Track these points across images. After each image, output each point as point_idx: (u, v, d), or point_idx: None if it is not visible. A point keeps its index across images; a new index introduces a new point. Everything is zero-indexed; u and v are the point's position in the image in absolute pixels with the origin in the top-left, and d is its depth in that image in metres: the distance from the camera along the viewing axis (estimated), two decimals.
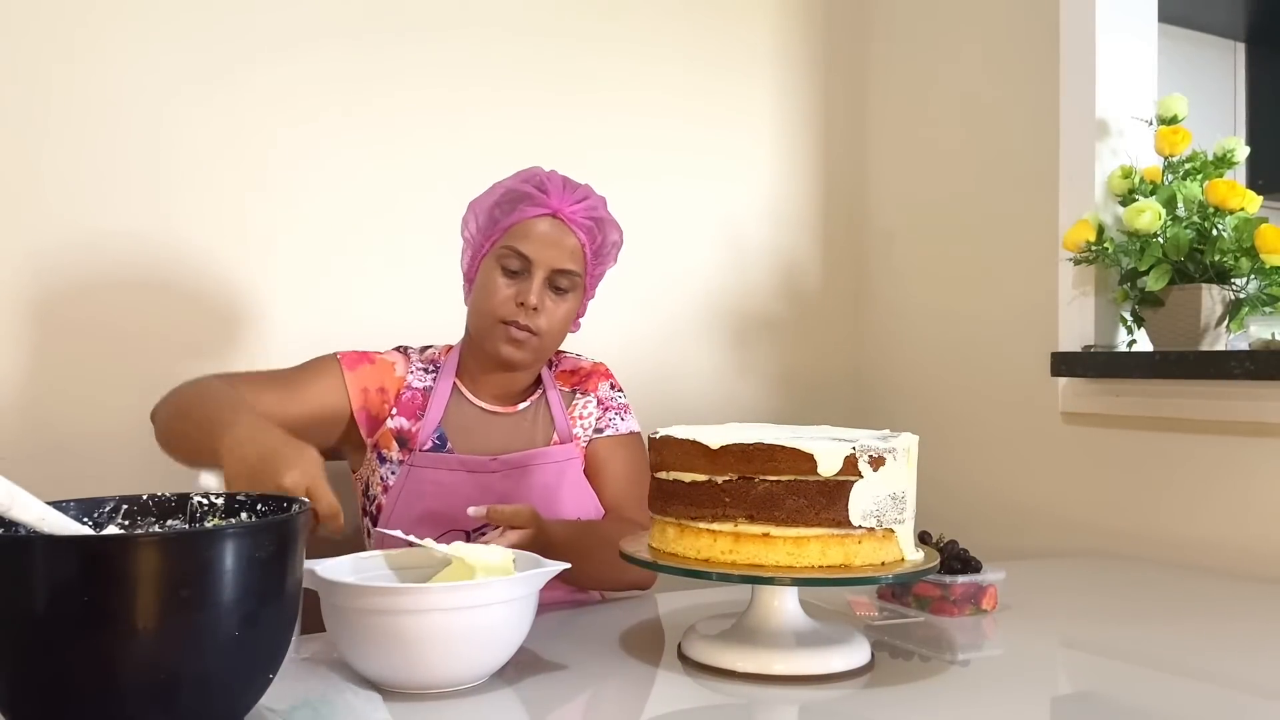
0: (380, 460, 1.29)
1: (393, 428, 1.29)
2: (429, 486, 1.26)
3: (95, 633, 0.64)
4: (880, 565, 0.92)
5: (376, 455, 1.30)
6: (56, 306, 1.54)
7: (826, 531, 0.91)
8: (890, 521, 0.93)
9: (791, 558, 0.91)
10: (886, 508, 0.92)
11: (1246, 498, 1.47)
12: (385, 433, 1.29)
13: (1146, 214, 1.52)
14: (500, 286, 1.25)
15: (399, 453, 1.28)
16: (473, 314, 1.31)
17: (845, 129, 2.22)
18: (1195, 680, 0.97)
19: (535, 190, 1.27)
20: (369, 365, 1.30)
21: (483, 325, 1.27)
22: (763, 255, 2.13)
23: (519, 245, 1.25)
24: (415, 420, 1.29)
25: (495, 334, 1.26)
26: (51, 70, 1.52)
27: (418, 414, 1.29)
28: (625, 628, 1.13)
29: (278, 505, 0.83)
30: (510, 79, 1.85)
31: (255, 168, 1.66)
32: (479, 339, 1.29)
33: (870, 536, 0.92)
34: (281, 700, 0.80)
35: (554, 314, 1.27)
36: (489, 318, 1.26)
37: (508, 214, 1.27)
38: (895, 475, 0.92)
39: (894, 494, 0.92)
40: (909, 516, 0.95)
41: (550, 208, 1.26)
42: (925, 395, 2.05)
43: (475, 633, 0.85)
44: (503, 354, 1.27)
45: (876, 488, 0.91)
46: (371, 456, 1.30)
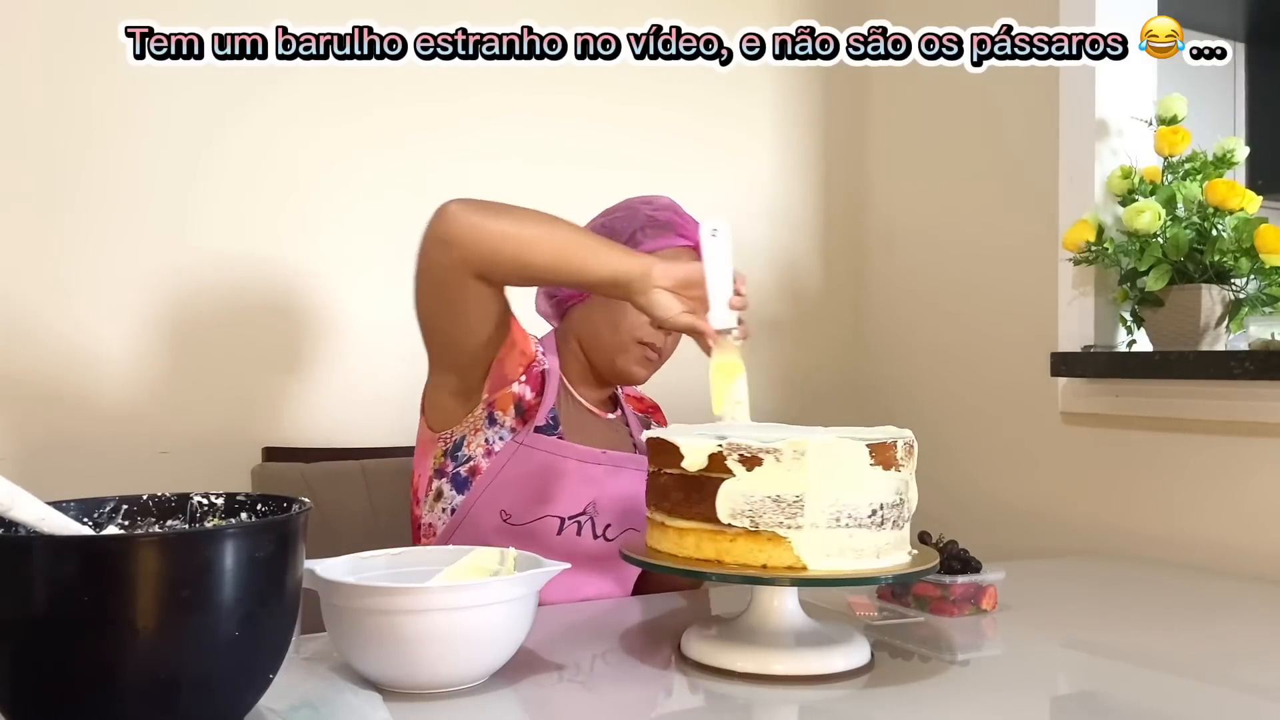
0: (490, 422, 1.26)
1: (516, 393, 1.27)
2: (537, 468, 1.25)
3: (95, 633, 0.64)
4: (761, 568, 0.89)
5: (488, 415, 1.27)
6: (57, 305, 1.54)
7: (700, 525, 0.92)
8: (772, 525, 0.89)
9: (675, 547, 0.94)
10: (765, 509, 0.89)
11: (1246, 498, 1.47)
12: (506, 395, 1.27)
13: (1146, 214, 1.52)
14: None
15: (514, 420, 1.27)
16: (600, 329, 1.32)
17: (845, 129, 2.22)
18: (1195, 680, 0.97)
19: (680, 221, 1.32)
20: (519, 327, 1.29)
21: (617, 342, 1.30)
22: (763, 255, 2.13)
23: None
24: (536, 395, 1.29)
25: (630, 353, 1.30)
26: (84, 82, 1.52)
27: (539, 389, 1.29)
28: (625, 628, 1.13)
29: (278, 505, 0.83)
30: (512, 84, 1.85)
31: (288, 174, 1.68)
32: (605, 353, 1.32)
33: (747, 536, 0.90)
34: (281, 700, 0.80)
35: (675, 340, 1.33)
36: (627, 337, 1.30)
37: (653, 239, 1.30)
38: (778, 478, 0.89)
39: (776, 496, 0.89)
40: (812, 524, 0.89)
41: (693, 240, 1.29)
42: (925, 395, 2.05)
43: (475, 632, 0.85)
44: (632, 372, 1.32)
45: (750, 487, 0.89)
46: (481, 414, 1.27)
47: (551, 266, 1.13)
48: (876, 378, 2.18)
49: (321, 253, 1.72)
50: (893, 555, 0.93)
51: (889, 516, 0.92)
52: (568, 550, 1.25)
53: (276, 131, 1.69)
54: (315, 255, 1.72)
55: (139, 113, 1.59)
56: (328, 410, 1.73)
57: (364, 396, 1.76)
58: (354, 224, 1.74)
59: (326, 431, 1.72)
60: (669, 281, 1.12)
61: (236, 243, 1.66)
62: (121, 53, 1.57)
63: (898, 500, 0.93)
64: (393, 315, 1.75)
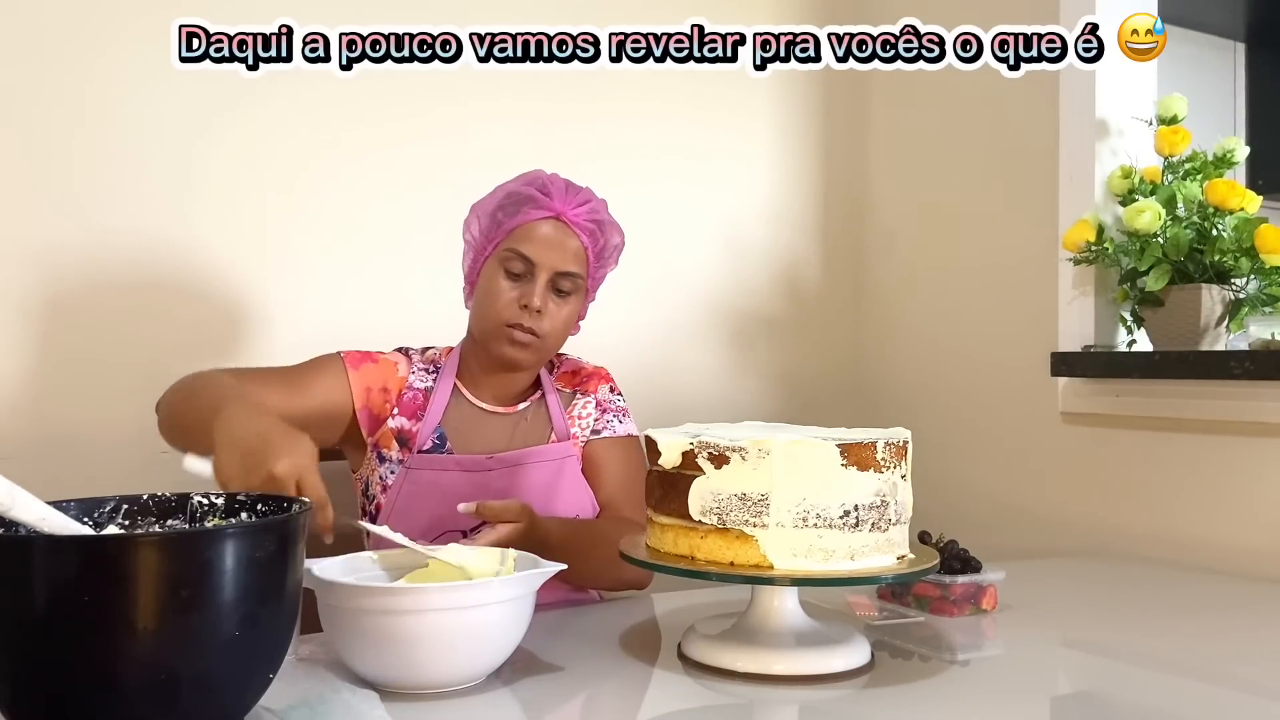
0: (380, 460, 1.29)
1: (394, 427, 1.29)
2: (426, 487, 1.26)
3: (95, 633, 0.64)
4: (729, 565, 0.90)
5: (376, 455, 1.30)
6: (60, 305, 1.54)
7: (676, 522, 0.93)
8: (738, 523, 0.89)
9: (658, 542, 0.96)
10: (732, 507, 0.89)
11: (1246, 498, 1.47)
12: (386, 432, 1.29)
13: (1146, 214, 1.52)
14: (503, 289, 1.26)
15: (399, 452, 1.28)
16: (475, 316, 1.31)
17: (845, 129, 2.22)
18: (1195, 680, 0.97)
19: (538, 193, 1.27)
20: (372, 365, 1.30)
21: (486, 327, 1.28)
22: (763, 255, 2.13)
23: (522, 248, 1.25)
24: (416, 420, 1.29)
25: (499, 336, 1.26)
26: (80, 73, 1.52)
27: (418, 414, 1.30)
28: (624, 628, 1.13)
29: (278, 505, 0.83)
30: (512, 89, 1.85)
31: (269, 176, 1.68)
32: (482, 340, 1.30)
33: (716, 534, 0.91)
34: (279, 700, 0.80)
35: (556, 316, 1.27)
36: (493, 320, 1.26)
37: (511, 216, 1.27)
38: (743, 476, 0.89)
39: (742, 495, 0.89)
40: (778, 523, 0.89)
41: (553, 210, 1.26)
42: (925, 395, 2.05)
43: (472, 633, 0.85)
44: (506, 355, 1.27)
45: (719, 485, 0.90)
46: (371, 456, 1.30)
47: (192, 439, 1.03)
48: (876, 378, 2.18)
49: (322, 254, 1.72)
50: (871, 557, 0.91)
51: (866, 518, 0.90)
52: None
53: (275, 131, 1.68)
54: (316, 256, 1.72)
55: (142, 113, 1.59)
56: None
57: None
58: (357, 228, 1.74)
59: None
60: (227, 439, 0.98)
61: (237, 246, 1.66)
62: (119, 50, 1.57)
63: (878, 502, 0.91)
64: (392, 317, 1.76)
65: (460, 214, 1.34)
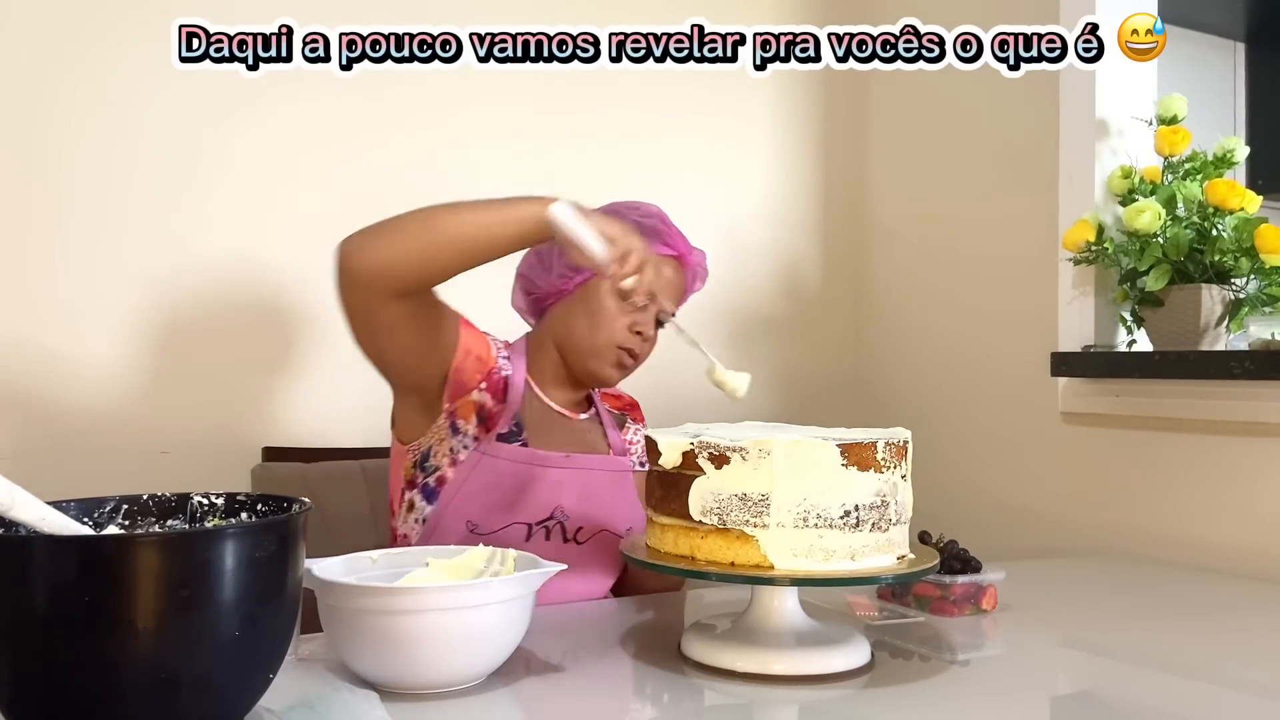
0: (453, 430, 1.27)
1: (476, 401, 1.27)
2: (500, 475, 1.25)
3: (95, 633, 0.64)
4: (729, 565, 0.90)
5: (450, 425, 1.27)
6: (57, 305, 1.54)
7: (677, 522, 0.93)
8: (738, 523, 0.90)
9: (658, 542, 0.96)
10: (732, 507, 0.90)
11: (1246, 498, 1.47)
12: (467, 403, 1.27)
13: (1146, 214, 1.52)
14: (618, 311, 1.29)
15: (476, 428, 1.27)
16: (578, 330, 1.31)
17: (845, 129, 2.22)
18: (1195, 680, 0.97)
19: (665, 229, 1.32)
20: (474, 333, 1.30)
21: (595, 344, 1.30)
22: (763, 255, 2.13)
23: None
24: (499, 402, 1.29)
25: (605, 355, 1.30)
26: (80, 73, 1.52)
27: (500, 396, 1.29)
28: (625, 628, 1.13)
29: (278, 505, 0.83)
30: (512, 89, 1.86)
31: (286, 176, 1.69)
32: (577, 353, 1.31)
33: (716, 534, 0.91)
34: (279, 700, 0.80)
35: (652, 346, 1.34)
36: (603, 339, 1.29)
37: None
38: (745, 477, 0.89)
39: (742, 495, 0.89)
40: (778, 523, 0.89)
41: (679, 251, 1.32)
42: (925, 395, 2.05)
43: (472, 633, 0.85)
44: (603, 374, 1.32)
45: (719, 485, 0.90)
46: (443, 424, 1.27)
47: (462, 249, 1.11)
48: (876, 378, 2.18)
49: (321, 254, 1.72)
50: (872, 557, 0.90)
51: (866, 518, 0.90)
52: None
53: (276, 134, 1.69)
54: (315, 256, 1.71)
55: (137, 115, 1.59)
56: (328, 410, 1.73)
57: (364, 397, 1.76)
58: (353, 225, 1.74)
59: (326, 431, 1.72)
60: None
61: (237, 244, 1.66)
62: (120, 55, 1.57)
63: (878, 502, 0.90)
64: None
65: None
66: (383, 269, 1.11)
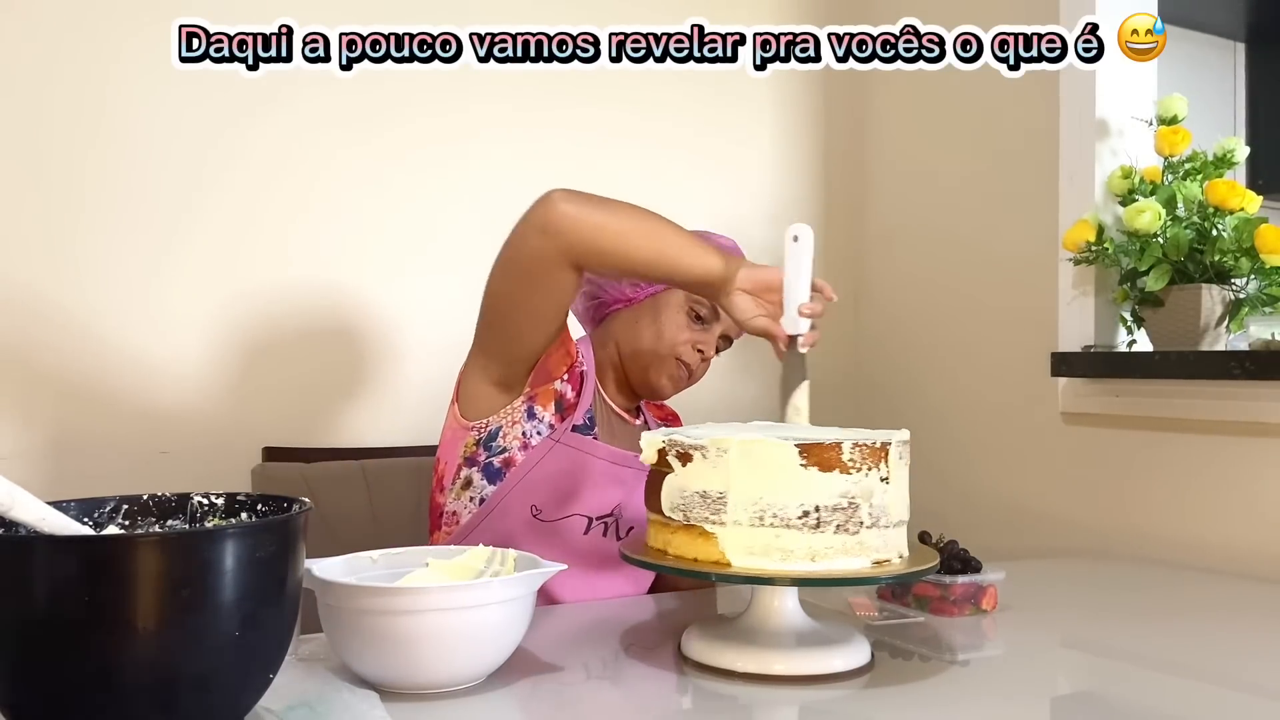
0: (529, 415, 1.27)
1: (558, 390, 1.28)
2: (570, 465, 1.26)
3: (95, 633, 0.64)
4: (693, 561, 0.92)
5: (528, 408, 1.27)
6: (58, 305, 1.54)
7: (656, 517, 0.96)
8: (699, 519, 0.91)
9: (651, 539, 0.99)
10: (694, 504, 0.91)
11: (1246, 498, 1.47)
12: (548, 390, 1.28)
13: (1146, 214, 1.52)
14: (685, 327, 1.33)
15: (553, 416, 1.27)
16: (642, 338, 1.34)
17: (845, 129, 2.22)
18: (1195, 680, 0.97)
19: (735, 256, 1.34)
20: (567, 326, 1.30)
21: (656, 353, 1.32)
22: (763, 255, 2.12)
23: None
24: (576, 393, 1.30)
25: (664, 366, 1.32)
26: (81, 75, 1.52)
27: (579, 388, 1.30)
28: (625, 628, 1.13)
29: (278, 505, 0.83)
30: (512, 90, 1.86)
31: (293, 178, 1.69)
32: (636, 360, 1.34)
33: (683, 529, 0.93)
34: (279, 700, 0.80)
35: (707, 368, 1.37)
36: (665, 349, 1.32)
37: None
38: (704, 474, 0.91)
39: (703, 492, 0.90)
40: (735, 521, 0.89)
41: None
42: (925, 395, 2.05)
43: (472, 633, 0.85)
44: (658, 384, 1.34)
45: (684, 482, 0.92)
46: (520, 406, 1.27)
47: (649, 261, 1.15)
48: (876, 377, 2.18)
49: (322, 254, 1.72)
50: (836, 560, 0.89)
51: (830, 520, 0.88)
52: (591, 550, 1.26)
53: (276, 135, 1.69)
54: (316, 256, 1.72)
55: (138, 116, 1.59)
56: (328, 410, 1.73)
57: (364, 397, 1.76)
58: (356, 227, 1.74)
59: (326, 431, 1.72)
60: (750, 284, 1.14)
61: (237, 244, 1.66)
62: (135, 53, 1.57)
63: (844, 504, 0.89)
64: (393, 316, 1.76)
65: (464, 216, 1.35)
66: (588, 235, 1.13)
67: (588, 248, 1.14)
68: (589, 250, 1.14)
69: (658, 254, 1.14)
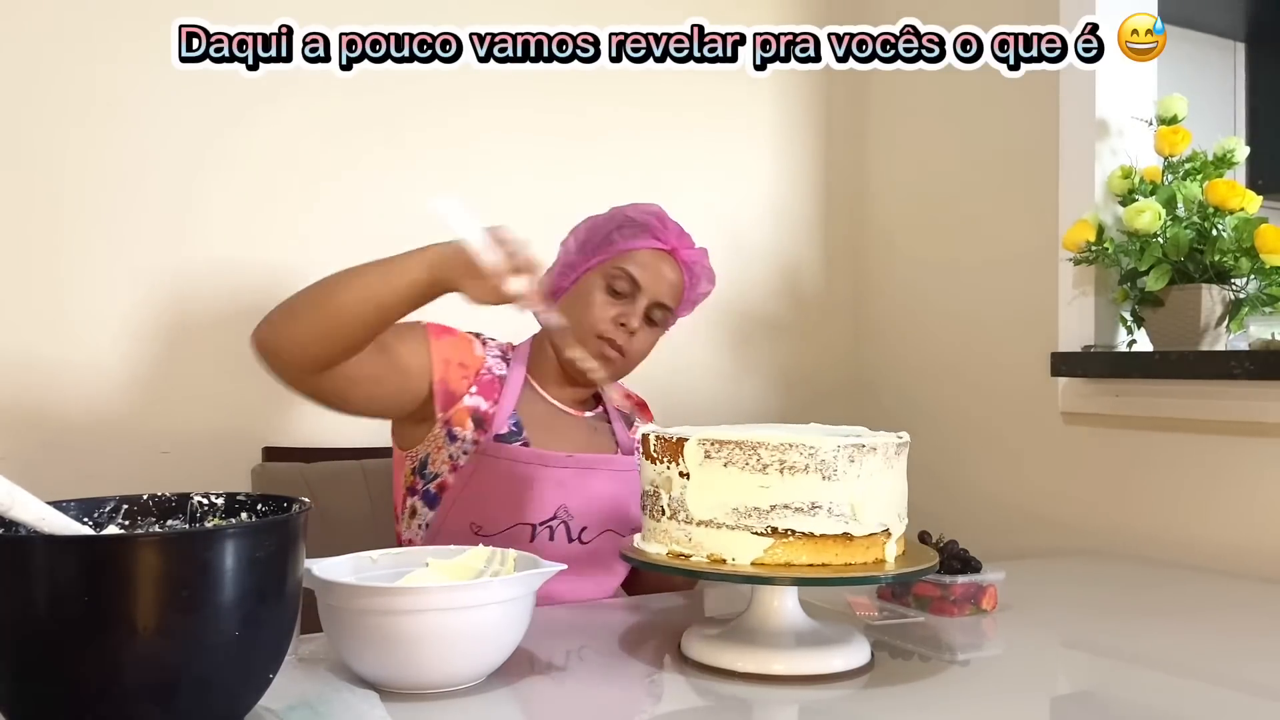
0: (450, 438, 1.27)
1: (470, 406, 1.28)
2: (502, 476, 1.25)
3: (95, 633, 0.64)
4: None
5: (447, 432, 1.27)
6: (59, 305, 1.54)
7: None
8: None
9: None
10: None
11: (1246, 498, 1.47)
12: (461, 410, 1.27)
13: (1146, 214, 1.52)
14: (604, 303, 1.30)
15: (473, 432, 1.27)
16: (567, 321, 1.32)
17: (845, 129, 2.22)
18: (1195, 680, 0.97)
19: (657, 223, 1.33)
20: (451, 338, 1.30)
21: (578, 334, 1.29)
22: (763, 255, 2.13)
23: (633, 270, 1.30)
24: (493, 403, 1.29)
25: (588, 346, 1.28)
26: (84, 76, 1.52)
27: (495, 397, 1.29)
28: (625, 628, 1.13)
29: (278, 505, 0.83)
30: (512, 90, 1.86)
31: (288, 178, 1.68)
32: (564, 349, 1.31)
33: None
34: (279, 700, 0.80)
35: (643, 341, 1.33)
36: (587, 330, 1.29)
37: (628, 239, 1.31)
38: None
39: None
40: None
41: (669, 245, 1.33)
42: (925, 395, 2.05)
43: (472, 633, 0.85)
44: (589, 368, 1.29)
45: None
46: (440, 432, 1.27)
47: (359, 303, 1.08)
48: (876, 378, 2.18)
49: (321, 254, 1.72)
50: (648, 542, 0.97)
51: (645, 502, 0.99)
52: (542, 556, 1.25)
53: (278, 136, 1.69)
54: (314, 256, 1.71)
55: (143, 115, 1.59)
56: (327, 411, 1.73)
57: None
58: (353, 225, 1.74)
59: (326, 431, 1.72)
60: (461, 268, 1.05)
61: (237, 244, 1.66)
62: (124, 54, 1.57)
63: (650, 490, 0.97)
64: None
65: None
66: (294, 354, 1.11)
67: (304, 359, 1.10)
68: (307, 359, 1.10)
69: (361, 293, 1.07)
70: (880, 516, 0.91)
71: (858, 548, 0.90)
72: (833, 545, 0.89)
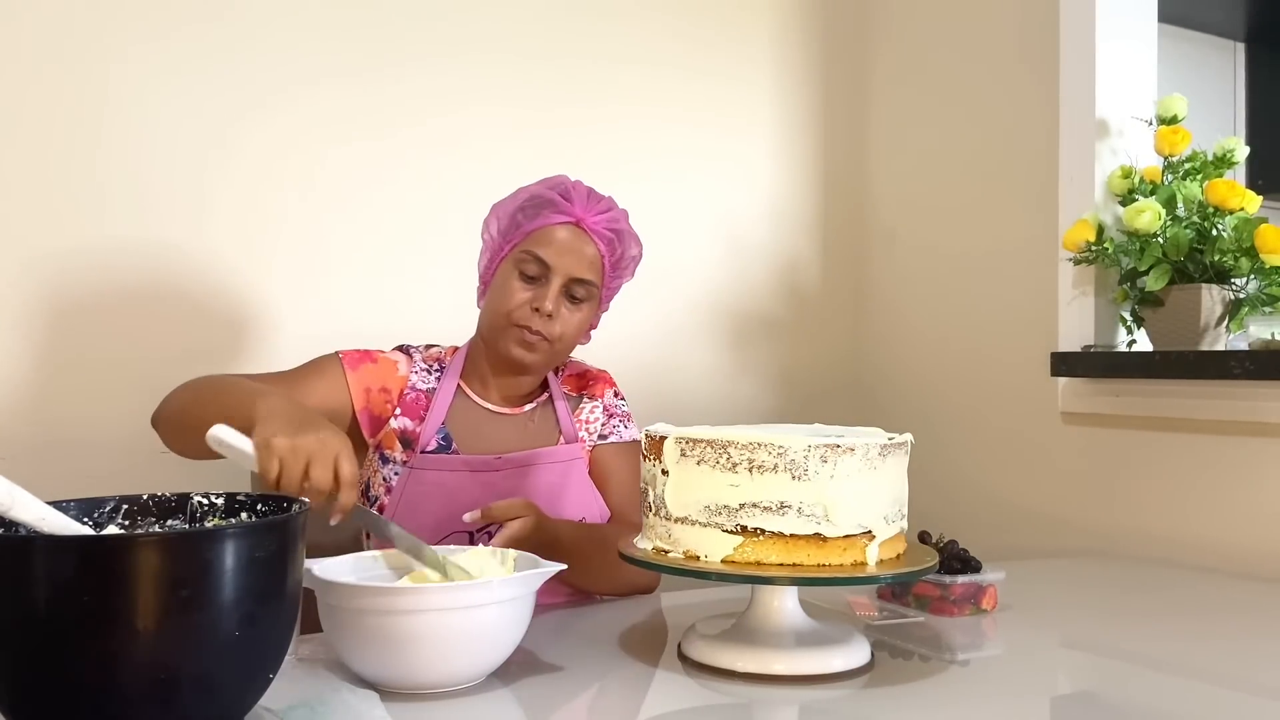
0: (383, 461, 1.29)
1: (396, 428, 1.28)
2: (432, 488, 1.25)
3: (95, 633, 0.64)
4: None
5: (379, 456, 1.29)
6: (63, 307, 1.54)
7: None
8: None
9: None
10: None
11: (1246, 498, 1.47)
12: (389, 433, 1.28)
13: (1146, 214, 1.52)
14: (516, 290, 1.26)
15: (402, 453, 1.28)
16: (486, 315, 1.31)
17: (845, 129, 2.22)
18: (1195, 680, 0.97)
19: (559, 197, 1.27)
20: (371, 364, 1.30)
21: (496, 326, 1.27)
22: (763, 255, 2.13)
23: (538, 250, 1.25)
24: (419, 421, 1.29)
25: (508, 336, 1.26)
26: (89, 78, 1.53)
27: (421, 414, 1.29)
28: (625, 628, 1.13)
29: (278, 505, 0.83)
30: (517, 96, 1.86)
31: (287, 180, 1.68)
32: (491, 340, 1.30)
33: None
34: (279, 700, 0.80)
35: (568, 322, 1.28)
36: (503, 319, 1.26)
37: (530, 219, 1.27)
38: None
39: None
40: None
41: (573, 216, 1.26)
42: (925, 395, 2.05)
43: (472, 632, 0.85)
44: (513, 356, 1.27)
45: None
46: (373, 457, 1.29)
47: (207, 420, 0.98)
48: (876, 378, 2.18)
49: (322, 256, 1.72)
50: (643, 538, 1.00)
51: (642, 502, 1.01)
52: None
53: (278, 137, 1.68)
54: (315, 256, 1.72)
55: (140, 118, 1.59)
56: None
57: None
58: (352, 226, 1.74)
59: None
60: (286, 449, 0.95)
61: (237, 246, 1.66)
62: (123, 58, 1.57)
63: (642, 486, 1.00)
64: (389, 317, 1.76)
65: (465, 216, 1.35)
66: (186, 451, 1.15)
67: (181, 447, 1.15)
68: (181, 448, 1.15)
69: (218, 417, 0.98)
70: (859, 518, 0.90)
71: (833, 549, 0.89)
72: (805, 545, 0.89)
